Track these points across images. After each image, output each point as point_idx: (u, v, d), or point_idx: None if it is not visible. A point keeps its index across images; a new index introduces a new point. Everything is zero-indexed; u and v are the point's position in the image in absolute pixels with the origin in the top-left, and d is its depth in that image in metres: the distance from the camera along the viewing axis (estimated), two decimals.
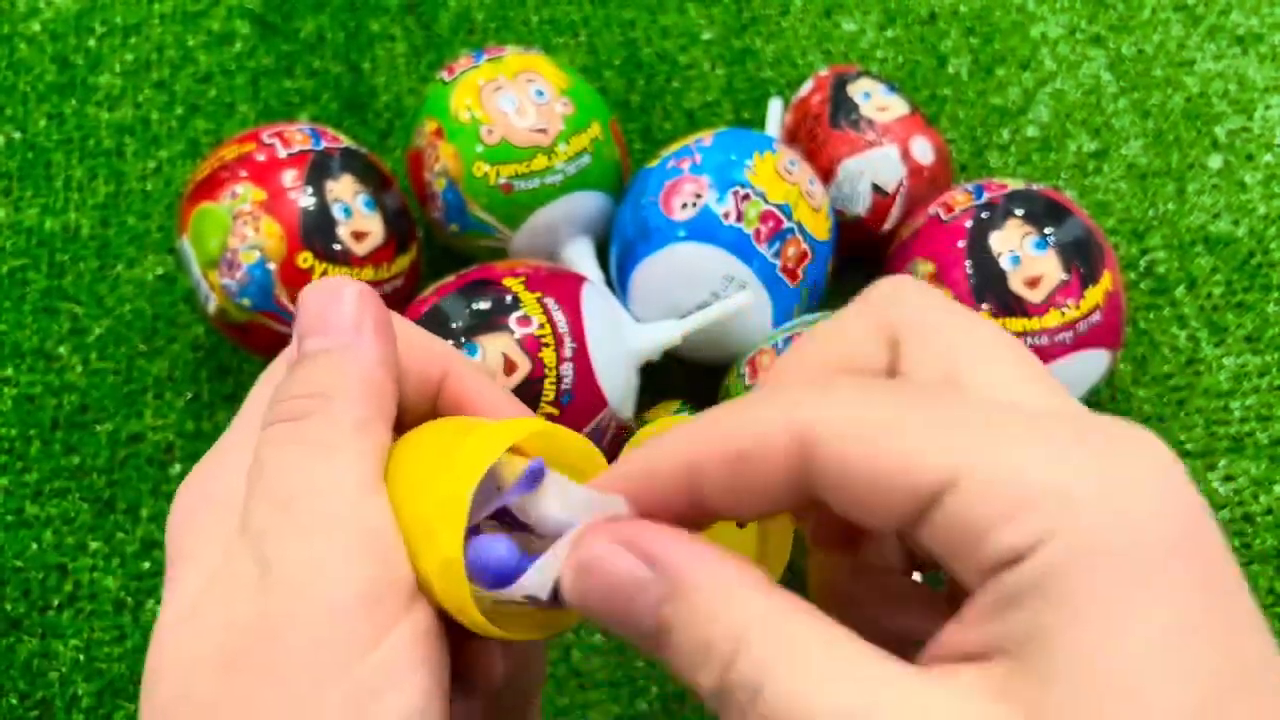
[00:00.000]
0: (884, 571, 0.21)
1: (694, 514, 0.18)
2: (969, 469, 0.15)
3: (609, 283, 0.41)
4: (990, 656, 0.15)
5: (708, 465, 0.17)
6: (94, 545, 0.39)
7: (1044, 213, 0.37)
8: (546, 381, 0.34)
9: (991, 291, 0.36)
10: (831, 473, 0.16)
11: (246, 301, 0.37)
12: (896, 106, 0.42)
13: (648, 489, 0.18)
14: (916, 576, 0.21)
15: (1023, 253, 0.36)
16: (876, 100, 0.42)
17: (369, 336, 0.19)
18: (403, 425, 0.21)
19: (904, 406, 0.16)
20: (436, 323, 0.35)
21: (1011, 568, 0.15)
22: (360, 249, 0.37)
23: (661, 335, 0.37)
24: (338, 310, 0.20)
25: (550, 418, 0.35)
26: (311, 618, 0.17)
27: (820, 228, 0.39)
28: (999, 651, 0.15)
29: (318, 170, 0.38)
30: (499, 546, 0.19)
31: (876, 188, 0.41)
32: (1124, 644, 0.14)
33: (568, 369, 0.35)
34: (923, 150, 0.41)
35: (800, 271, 0.38)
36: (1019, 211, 0.37)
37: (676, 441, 0.18)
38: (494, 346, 0.34)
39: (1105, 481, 0.15)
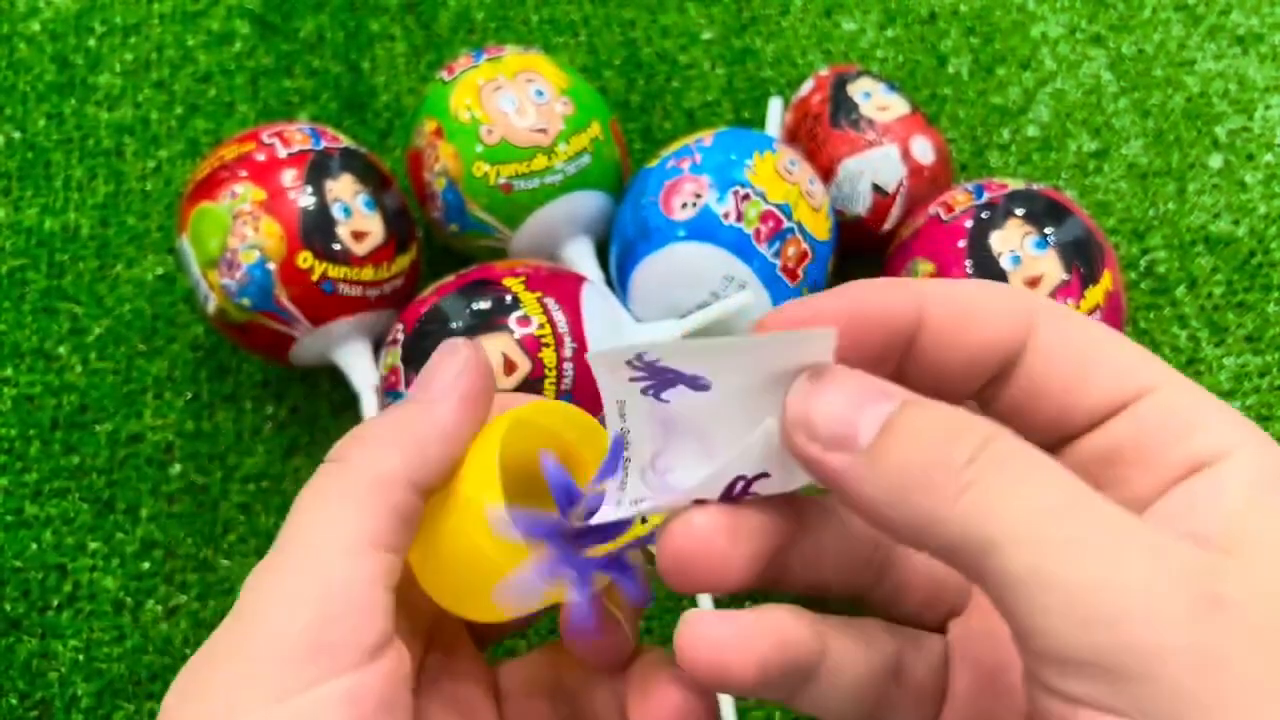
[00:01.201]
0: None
1: (898, 360, 0.19)
2: (1167, 383, 0.18)
3: (609, 283, 0.41)
4: None
5: (936, 308, 0.18)
6: (93, 545, 0.39)
7: (1044, 212, 0.37)
8: (546, 381, 0.34)
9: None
10: (1042, 355, 0.18)
11: (246, 301, 0.37)
12: (897, 106, 0.42)
13: (874, 313, 0.18)
14: None
15: (1023, 252, 0.36)
16: (877, 100, 0.42)
17: (447, 404, 0.20)
18: None
19: (1111, 329, 0.19)
20: (436, 323, 0.35)
21: (1205, 470, 0.17)
22: (360, 249, 0.37)
23: (661, 335, 0.37)
24: (442, 372, 0.20)
25: None
26: (243, 657, 0.17)
27: (820, 228, 0.39)
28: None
29: (317, 170, 0.38)
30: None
31: (877, 187, 0.41)
32: None
33: (568, 369, 0.35)
34: (923, 150, 0.41)
35: (800, 271, 0.38)
36: (1019, 211, 0.37)
37: (910, 283, 0.19)
38: (494, 346, 0.34)
39: (1257, 429, 0.17)
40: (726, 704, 0.36)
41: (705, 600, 0.37)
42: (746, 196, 0.37)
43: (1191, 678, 0.14)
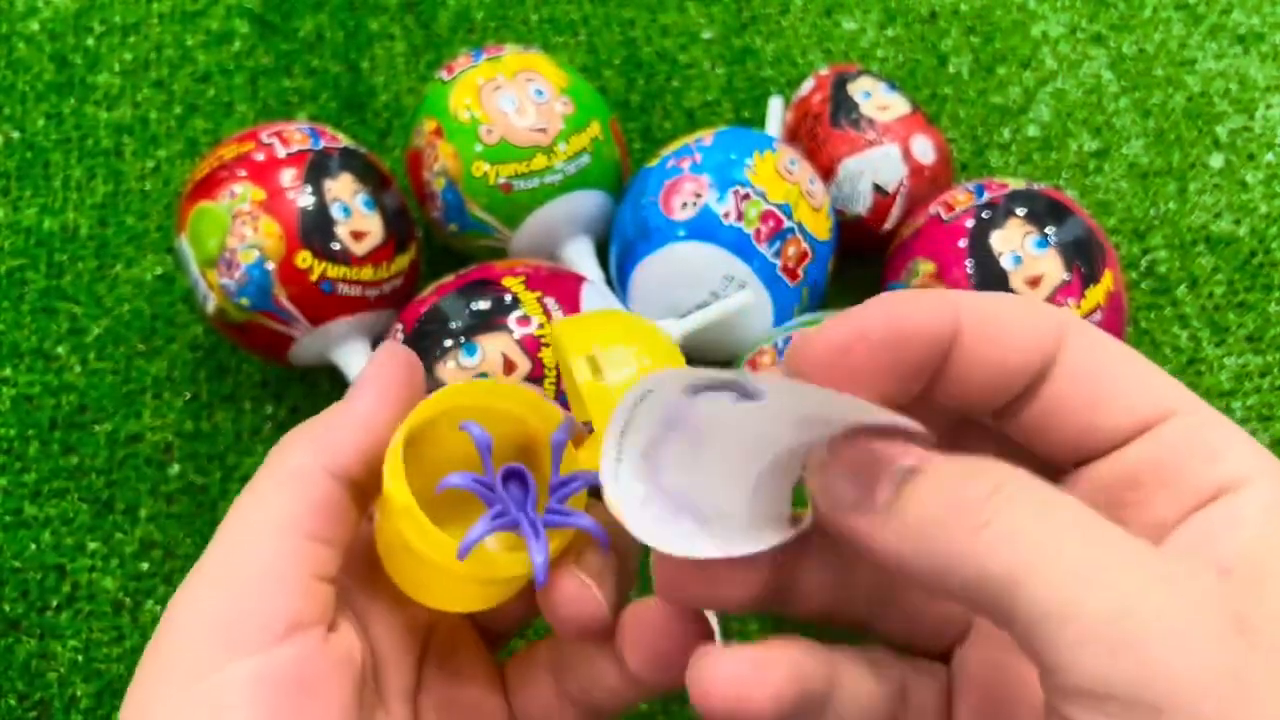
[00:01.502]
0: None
1: (926, 376, 0.18)
2: (1188, 408, 0.18)
3: (609, 282, 0.41)
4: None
5: (970, 322, 0.18)
6: (92, 546, 0.39)
7: (1045, 212, 0.37)
8: (546, 381, 0.34)
9: (993, 291, 0.36)
10: (1068, 374, 0.18)
11: (245, 301, 0.37)
12: (897, 105, 0.42)
13: (914, 328, 0.18)
14: None
15: (1024, 252, 0.36)
16: (877, 99, 0.42)
17: (362, 395, 0.21)
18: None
19: (1134, 351, 0.19)
20: (436, 322, 0.35)
21: (1225, 497, 0.17)
22: (359, 248, 0.37)
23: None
24: (366, 372, 0.22)
25: None
26: (165, 643, 0.18)
27: (821, 227, 0.39)
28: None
29: (316, 169, 0.37)
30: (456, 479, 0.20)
31: (877, 187, 0.41)
32: None
33: None
34: (923, 149, 0.41)
35: (800, 271, 0.38)
36: (1020, 211, 0.37)
37: (946, 295, 0.18)
38: (493, 346, 0.34)
39: (1274, 458, 0.18)
40: None
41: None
42: (747, 196, 0.37)
43: (1220, 704, 0.14)
